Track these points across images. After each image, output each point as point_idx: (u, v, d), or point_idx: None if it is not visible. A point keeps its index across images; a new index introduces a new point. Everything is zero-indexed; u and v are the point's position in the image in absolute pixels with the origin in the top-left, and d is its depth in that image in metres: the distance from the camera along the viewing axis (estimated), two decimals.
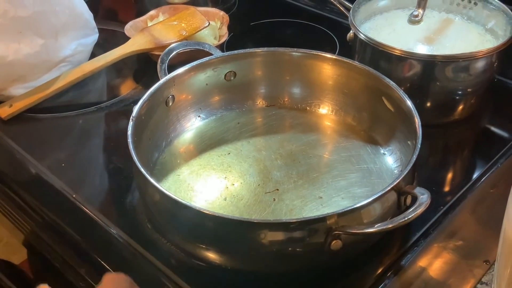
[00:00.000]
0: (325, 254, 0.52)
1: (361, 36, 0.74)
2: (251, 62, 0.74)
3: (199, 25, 0.88)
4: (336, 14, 0.99)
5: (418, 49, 0.74)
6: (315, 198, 0.62)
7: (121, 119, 0.79)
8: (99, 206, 0.64)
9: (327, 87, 0.73)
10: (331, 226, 0.51)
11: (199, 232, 0.54)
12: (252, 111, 0.76)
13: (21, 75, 0.80)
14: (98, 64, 0.83)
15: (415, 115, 0.61)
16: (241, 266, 0.56)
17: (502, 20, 0.76)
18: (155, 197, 0.56)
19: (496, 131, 0.77)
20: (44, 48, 0.80)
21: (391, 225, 0.51)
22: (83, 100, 0.82)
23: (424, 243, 0.59)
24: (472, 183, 0.66)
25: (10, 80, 0.79)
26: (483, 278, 0.55)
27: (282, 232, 0.51)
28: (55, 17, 0.80)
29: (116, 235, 0.61)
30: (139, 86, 0.86)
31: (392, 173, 0.65)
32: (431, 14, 0.80)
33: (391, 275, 0.56)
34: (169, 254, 0.58)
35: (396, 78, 0.67)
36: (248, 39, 0.97)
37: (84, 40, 0.86)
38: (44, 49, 0.80)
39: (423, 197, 0.52)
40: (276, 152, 0.69)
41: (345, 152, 0.69)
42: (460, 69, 0.70)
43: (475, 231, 0.61)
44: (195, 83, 0.72)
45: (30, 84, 0.80)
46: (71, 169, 0.71)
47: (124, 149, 0.59)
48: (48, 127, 0.78)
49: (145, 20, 0.94)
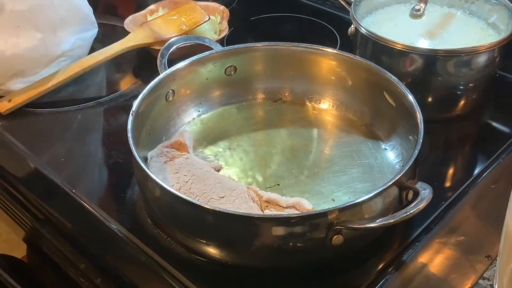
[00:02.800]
0: (326, 249, 0.52)
1: (363, 30, 0.73)
2: (251, 56, 0.74)
3: (199, 20, 0.88)
4: (337, 9, 0.98)
5: (419, 43, 0.74)
6: (316, 193, 0.62)
7: (120, 114, 0.79)
8: (99, 201, 0.64)
9: (328, 82, 0.73)
10: (332, 221, 0.50)
11: (199, 227, 0.54)
12: (252, 105, 0.75)
13: (20, 70, 0.79)
14: (98, 58, 0.82)
15: (416, 110, 0.61)
16: (241, 261, 0.56)
17: (504, 14, 0.75)
18: (155, 192, 0.56)
19: (497, 126, 0.77)
20: (42, 43, 0.79)
21: (393, 220, 0.50)
22: (82, 95, 0.82)
23: (425, 238, 0.59)
24: (474, 179, 0.66)
25: (9, 75, 0.79)
26: (484, 273, 0.55)
27: (283, 227, 0.51)
28: (54, 11, 0.80)
29: (116, 230, 0.61)
30: (139, 81, 0.86)
31: (394, 168, 0.65)
32: (433, 8, 0.80)
33: (392, 270, 0.56)
34: (169, 249, 0.58)
35: (397, 73, 0.67)
36: (249, 33, 0.97)
37: (84, 34, 0.85)
38: (43, 44, 0.79)
39: (425, 192, 0.52)
40: (276, 147, 0.69)
41: (346, 147, 0.68)
42: (461, 64, 0.70)
43: (477, 226, 0.61)
44: (195, 78, 0.72)
45: (29, 79, 0.80)
46: (70, 164, 0.70)
47: (124, 144, 0.59)
48: (47, 122, 0.78)
49: (144, 14, 0.94)
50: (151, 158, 0.63)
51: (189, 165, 0.62)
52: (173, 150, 0.64)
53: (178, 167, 0.62)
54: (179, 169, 0.62)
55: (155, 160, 0.63)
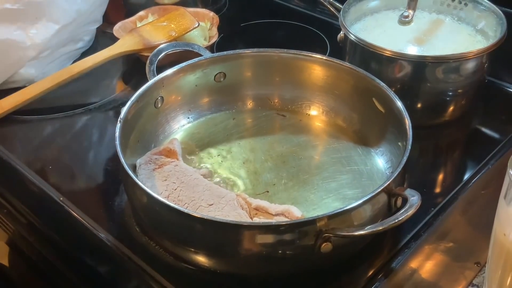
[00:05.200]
0: (315, 257, 0.52)
1: (352, 37, 0.74)
2: (241, 63, 0.74)
3: (189, 26, 0.88)
4: (326, 15, 0.98)
5: (408, 50, 0.74)
6: (305, 200, 0.62)
7: (109, 121, 0.78)
8: (86, 209, 0.63)
9: (318, 88, 0.73)
10: (321, 228, 0.50)
11: (188, 235, 0.53)
12: (242, 112, 0.75)
13: (34, 58, 0.82)
14: (86, 65, 0.82)
15: (405, 116, 0.61)
16: (230, 269, 0.56)
17: (493, 21, 0.76)
18: (143, 200, 0.56)
19: (487, 132, 0.77)
20: (58, 34, 0.82)
21: (382, 227, 0.50)
22: (71, 102, 0.81)
23: (415, 245, 0.59)
24: (463, 184, 0.66)
25: (23, 63, 0.81)
26: (474, 280, 0.55)
27: (271, 234, 0.51)
28: (69, 3, 0.83)
29: (104, 239, 0.60)
30: (128, 87, 0.85)
31: (383, 175, 0.65)
32: (422, 15, 0.80)
33: (382, 277, 0.55)
34: (157, 257, 0.58)
35: (386, 79, 0.67)
36: (238, 40, 0.97)
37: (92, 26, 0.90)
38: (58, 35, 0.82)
39: (413, 199, 0.52)
40: (266, 154, 0.68)
41: (335, 153, 0.68)
42: (450, 70, 0.70)
43: (466, 232, 0.61)
44: (184, 85, 0.72)
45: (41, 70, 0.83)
46: (58, 171, 0.70)
47: (112, 151, 0.58)
48: (35, 129, 0.77)
49: (134, 21, 0.93)
50: (139, 166, 0.63)
51: (178, 172, 0.62)
52: (162, 157, 0.64)
53: (166, 175, 0.61)
54: (167, 176, 0.61)
55: (144, 168, 0.62)
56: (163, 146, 0.65)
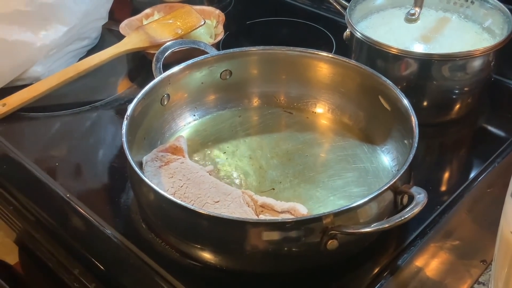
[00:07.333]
0: (321, 254, 0.52)
1: (358, 34, 0.73)
2: (247, 61, 0.74)
3: (195, 24, 0.88)
4: (332, 13, 0.98)
5: (414, 47, 0.74)
6: (311, 198, 0.62)
7: (115, 118, 0.78)
8: (93, 206, 0.64)
9: (323, 86, 0.73)
10: (327, 225, 0.50)
11: (194, 232, 0.54)
12: (247, 110, 0.75)
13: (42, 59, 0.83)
14: (93, 62, 0.82)
15: (411, 114, 0.61)
16: (236, 266, 0.56)
17: (499, 18, 0.75)
18: (150, 196, 0.56)
19: (493, 130, 0.77)
20: (66, 35, 0.83)
21: (388, 224, 0.50)
22: (77, 99, 0.82)
23: (420, 243, 0.59)
24: (469, 183, 0.66)
25: (33, 63, 0.82)
26: (480, 278, 0.55)
27: (277, 231, 0.51)
28: (76, 4, 0.84)
29: (111, 235, 0.60)
30: (134, 85, 0.85)
31: (389, 172, 0.65)
32: (428, 12, 0.80)
33: (387, 275, 0.56)
34: (163, 254, 0.58)
35: (392, 77, 0.67)
36: (244, 38, 0.97)
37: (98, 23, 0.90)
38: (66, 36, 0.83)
39: (419, 197, 0.52)
40: (272, 151, 0.69)
41: (341, 151, 0.68)
42: (457, 68, 0.70)
43: (472, 230, 0.61)
44: (190, 82, 0.72)
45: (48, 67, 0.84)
46: (65, 168, 0.70)
47: (119, 148, 0.59)
48: (42, 125, 0.78)
49: (140, 18, 0.93)
50: (146, 163, 0.63)
51: (184, 169, 0.62)
52: (168, 154, 0.64)
53: (173, 172, 0.62)
54: (174, 173, 0.61)
55: (150, 165, 0.63)
56: (169, 143, 0.66)
